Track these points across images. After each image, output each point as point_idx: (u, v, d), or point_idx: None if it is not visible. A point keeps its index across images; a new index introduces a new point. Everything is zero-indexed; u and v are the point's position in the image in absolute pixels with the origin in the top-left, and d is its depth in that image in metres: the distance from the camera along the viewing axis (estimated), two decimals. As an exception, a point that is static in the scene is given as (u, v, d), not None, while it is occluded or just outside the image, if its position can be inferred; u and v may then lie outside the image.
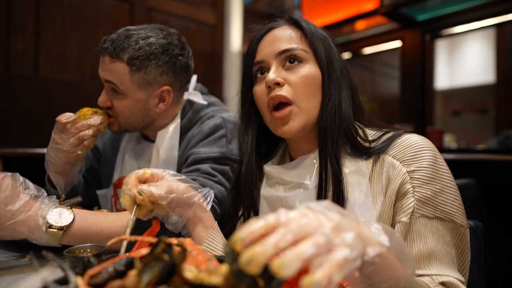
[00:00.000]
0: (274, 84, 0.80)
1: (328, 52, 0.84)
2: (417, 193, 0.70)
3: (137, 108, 1.12)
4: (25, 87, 2.46)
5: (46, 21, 2.55)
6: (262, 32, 0.88)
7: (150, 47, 1.07)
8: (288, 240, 0.36)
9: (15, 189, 0.77)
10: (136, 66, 1.06)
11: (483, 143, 3.76)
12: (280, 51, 0.82)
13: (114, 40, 1.06)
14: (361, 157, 0.78)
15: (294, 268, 0.34)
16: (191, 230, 0.81)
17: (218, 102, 1.28)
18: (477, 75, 5.03)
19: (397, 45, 3.91)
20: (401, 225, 0.70)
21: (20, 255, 0.85)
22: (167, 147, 1.17)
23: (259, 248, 0.35)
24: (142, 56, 1.06)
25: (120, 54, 1.06)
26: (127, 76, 1.07)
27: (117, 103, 1.11)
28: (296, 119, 0.80)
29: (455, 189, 0.72)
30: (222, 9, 3.73)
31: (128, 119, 1.13)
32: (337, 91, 0.81)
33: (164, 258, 0.44)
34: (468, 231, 0.72)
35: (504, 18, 3.29)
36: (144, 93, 1.11)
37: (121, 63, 1.06)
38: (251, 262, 0.35)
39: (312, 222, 0.38)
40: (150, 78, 1.09)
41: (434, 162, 0.72)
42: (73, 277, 0.46)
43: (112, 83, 1.08)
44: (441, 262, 0.67)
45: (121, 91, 1.09)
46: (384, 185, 0.74)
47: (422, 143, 0.74)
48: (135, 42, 1.07)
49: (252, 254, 0.35)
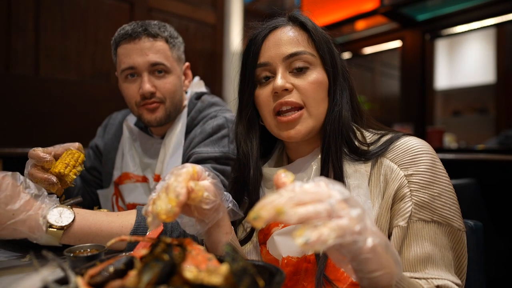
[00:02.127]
0: (282, 91, 0.78)
1: (332, 55, 0.82)
2: (415, 197, 0.70)
3: (179, 85, 1.21)
4: (25, 87, 2.46)
5: (46, 20, 2.55)
6: (265, 32, 0.83)
7: (172, 29, 1.22)
8: (293, 202, 0.41)
9: (16, 188, 0.77)
10: (172, 44, 1.19)
11: (483, 143, 3.76)
12: (287, 54, 0.79)
13: (144, 24, 1.15)
14: (359, 160, 0.78)
15: (294, 219, 0.40)
16: (210, 234, 0.72)
17: (221, 102, 1.29)
18: (477, 75, 5.03)
19: (397, 45, 3.91)
20: (398, 229, 0.70)
21: (20, 255, 0.85)
22: (175, 142, 1.19)
23: (263, 204, 0.40)
24: (173, 35, 1.20)
25: (160, 33, 1.15)
26: (169, 53, 1.18)
27: (165, 82, 1.17)
28: (304, 123, 0.79)
29: (452, 193, 0.72)
30: (222, 9, 3.73)
31: (174, 99, 1.19)
32: (341, 95, 0.81)
33: (164, 258, 0.44)
34: (465, 235, 0.71)
35: (504, 18, 3.29)
36: (179, 69, 1.23)
37: (162, 41, 1.16)
38: (257, 218, 0.39)
39: (322, 192, 0.42)
40: (179, 54, 1.23)
41: (432, 166, 0.71)
42: (73, 277, 0.46)
43: (159, 63, 1.14)
44: (438, 265, 0.67)
45: (168, 68, 1.17)
46: (381, 188, 0.74)
47: (420, 146, 0.74)
48: (163, 25, 1.19)
49: (259, 209, 0.40)
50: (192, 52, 3.43)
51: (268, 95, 0.81)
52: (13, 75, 2.42)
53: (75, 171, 0.96)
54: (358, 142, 0.80)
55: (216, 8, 3.66)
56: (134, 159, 1.28)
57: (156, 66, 1.14)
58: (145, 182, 1.25)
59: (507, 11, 3.18)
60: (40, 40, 2.53)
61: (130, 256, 0.51)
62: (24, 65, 2.48)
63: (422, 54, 3.67)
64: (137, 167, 1.27)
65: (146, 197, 1.24)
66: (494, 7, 3.22)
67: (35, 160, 0.93)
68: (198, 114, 1.23)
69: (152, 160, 1.24)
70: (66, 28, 2.64)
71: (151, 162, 1.24)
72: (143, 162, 1.26)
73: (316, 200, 0.41)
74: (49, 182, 0.92)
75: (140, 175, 1.26)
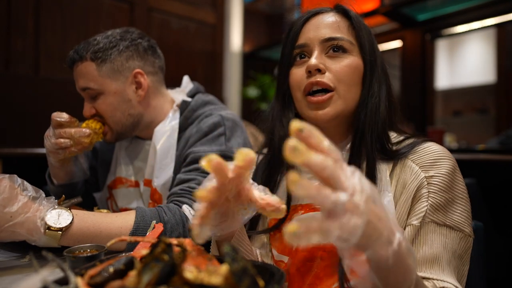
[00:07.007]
0: (315, 70, 0.78)
1: (373, 47, 0.83)
2: (432, 198, 0.70)
3: (117, 102, 1.11)
4: (25, 87, 2.46)
5: (46, 21, 2.55)
6: (308, 15, 0.85)
7: (107, 38, 1.11)
8: (324, 174, 0.39)
9: (13, 190, 0.77)
10: (101, 59, 1.09)
11: (483, 143, 3.76)
12: (326, 38, 0.80)
13: (76, 48, 1.11)
14: (384, 159, 0.78)
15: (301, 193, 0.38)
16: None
17: (215, 101, 1.27)
18: (477, 75, 5.03)
19: (397, 45, 3.91)
20: (411, 228, 0.70)
21: (20, 255, 0.85)
22: (165, 147, 1.15)
23: (305, 149, 0.39)
24: (102, 47, 1.09)
25: (83, 55, 1.09)
26: (96, 72, 1.08)
27: (98, 104, 1.11)
28: (333, 105, 0.79)
29: (467, 201, 0.73)
30: (222, 9, 3.73)
31: (114, 118, 1.12)
32: (379, 88, 0.81)
33: (164, 258, 0.44)
34: (472, 241, 0.73)
35: (504, 18, 3.29)
36: (118, 83, 1.11)
37: (86, 62, 1.09)
38: (294, 151, 0.38)
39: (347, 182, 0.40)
40: (118, 65, 1.11)
41: (453, 172, 0.73)
42: (73, 277, 0.46)
43: (86, 87, 1.09)
44: (443, 268, 0.67)
45: (96, 90, 1.09)
46: (400, 188, 0.75)
47: (443, 152, 0.75)
48: (93, 40, 1.11)
49: (298, 146, 0.39)
50: (192, 52, 3.43)
51: (302, 74, 0.81)
52: (13, 75, 2.42)
53: (102, 127, 1.12)
54: (386, 141, 0.79)
55: (216, 8, 3.66)
56: (127, 163, 1.26)
57: (85, 92, 1.11)
58: (137, 187, 1.23)
59: (507, 11, 3.18)
60: (40, 40, 2.53)
61: (130, 257, 0.50)
62: (24, 65, 2.48)
63: (422, 54, 3.67)
64: (130, 171, 1.25)
65: (138, 202, 1.22)
66: (494, 7, 3.21)
67: (63, 119, 1.05)
68: (192, 113, 1.20)
69: (143, 164, 1.22)
70: (66, 28, 2.64)
71: (142, 165, 1.22)
72: (135, 166, 1.25)
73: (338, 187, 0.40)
74: (83, 134, 1.05)
75: (133, 179, 1.24)
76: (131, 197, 1.24)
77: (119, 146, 1.29)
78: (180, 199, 1.00)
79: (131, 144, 1.27)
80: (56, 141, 1.04)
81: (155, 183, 1.14)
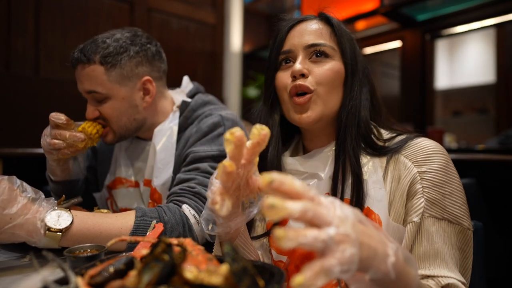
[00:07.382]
0: (299, 75, 0.82)
1: (354, 52, 0.86)
2: (427, 194, 0.72)
3: (124, 107, 1.11)
4: (25, 87, 2.46)
5: (46, 21, 2.55)
6: (293, 23, 0.89)
7: (117, 42, 1.09)
8: (307, 218, 0.40)
9: (12, 192, 0.77)
10: (110, 63, 1.06)
11: (483, 143, 3.76)
12: (309, 44, 0.84)
13: (82, 48, 1.08)
14: (375, 155, 0.81)
15: (291, 245, 0.38)
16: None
17: (215, 101, 1.27)
18: (477, 75, 5.03)
19: (397, 45, 3.91)
20: (412, 225, 0.71)
21: (20, 255, 0.85)
22: (165, 147, 1.16)
23: (283, 204, 0.39)
24: (113, 52, 1.07)
25: (91, 57, 1.06)
26: (105, 76, 1.06)
27: (104, 108, 1.10)
28: (314, 107, 0.82)
29: (463, 194, 0.74)
30: (222, 9, 3.73)
31: (119, 122, 1.12)
32: (359, 91, 0.84)
33: (164, 258, 0.44)
34: (472, 234, 0.73)
35: (504, 18, 3.29)
36: (127, 89, 1.10)
37: (94, 65, 1.06)
38: (272, 208, 0.39)
39: (330, 215, 0.41)
40: (127, 71, 1.09)
41: (446, 167, 0.74)
42: (73, 277, 0.46)
43: (93, 91, 1.08)
44: (446, 263, 0.68)
45: (104, 94, 1.08)
46: (395, 184, 0.76)
47: (436, 147, 0.76)
48: (102, 42, 1.08)
49: (275, 203, 0.39)
50: (192, 52, 3.43)
51: (287, 78, 0.85)
52: (13, 75, 2.42)
53: (100, 132, 1.11)
54: (374, 137, 0.82)
55: (216, 8, 3.66)
56: (126, 163, 1.26)
57: (90, 94, 1.09)
58: (137, 188, 1.23)
59: (507, 11, 3.18)
60: (40, 40, 2.53)
61: (130, 257, 0.51)
62: (24, 65, 2.48)
63: (422, 54, 3.67)
64: (130, 172, 1.25)
65: (138, 202, 1.22)
66: (494, 7, 3.22)
67: (61, 121, 1.04)
68: (192, 113, 1.20)
69: (143, 164, 1.22)
70: (66, 28, 2.64)
71: (142, 166, 1.22)
72: (135, 167, 1.25)
73: (323, 224, 0.40)
74: (77, 139, 1.04)
75: (133, 180, 1.24)
76: (131, 197, 1.24)
77: (119, 147, 1.29)
78: (180, 199, 1.00)
79: (131, 144, 1.27)
80: (50, 141, 1.04)
81: (155, 183, 1.14)
